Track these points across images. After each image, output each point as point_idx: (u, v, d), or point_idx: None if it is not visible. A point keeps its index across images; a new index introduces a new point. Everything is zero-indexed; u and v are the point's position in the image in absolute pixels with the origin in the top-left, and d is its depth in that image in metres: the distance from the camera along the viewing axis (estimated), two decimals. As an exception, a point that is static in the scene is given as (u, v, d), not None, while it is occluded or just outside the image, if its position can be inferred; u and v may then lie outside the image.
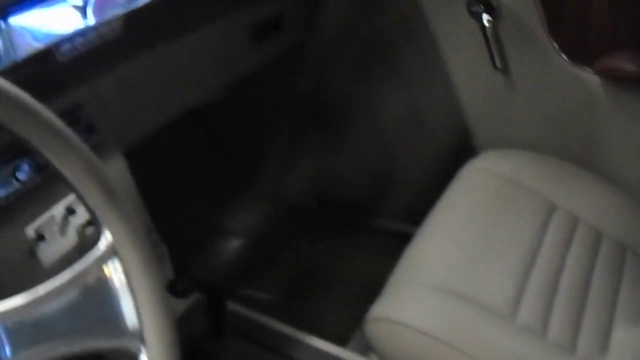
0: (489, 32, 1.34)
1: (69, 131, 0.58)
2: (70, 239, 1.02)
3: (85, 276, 0.62)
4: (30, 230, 0.98)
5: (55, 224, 1.01)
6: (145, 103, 1.17)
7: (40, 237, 0.99)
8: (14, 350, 0.57)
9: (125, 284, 0.63)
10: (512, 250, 1.11)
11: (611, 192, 1.28)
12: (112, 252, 0.63)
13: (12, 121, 0.54)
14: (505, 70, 1.39)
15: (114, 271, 0.63)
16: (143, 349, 0.64)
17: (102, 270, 0.63)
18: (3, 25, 0.85)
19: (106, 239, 0.62)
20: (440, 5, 1.41)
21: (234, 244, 1.70)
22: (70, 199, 1.00)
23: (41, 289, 0.59)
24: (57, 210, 1.00)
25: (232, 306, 1.33)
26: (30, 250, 0.99)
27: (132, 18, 0.99)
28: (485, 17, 1.33)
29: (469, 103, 1.49)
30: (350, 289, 1.52)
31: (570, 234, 1.16)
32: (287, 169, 1.82)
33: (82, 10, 0.95)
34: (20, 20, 0.87)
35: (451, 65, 1.46)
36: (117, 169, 1.11)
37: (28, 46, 0.86)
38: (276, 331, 1.31)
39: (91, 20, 0.95)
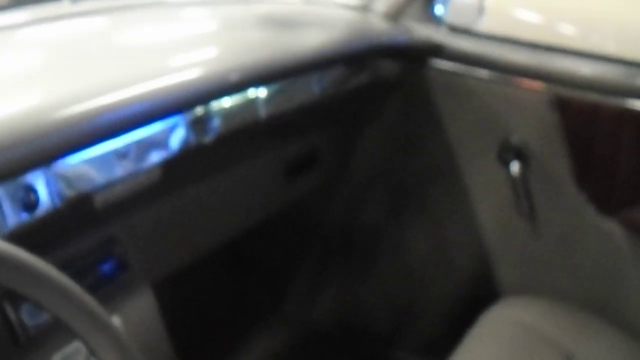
0: (518, 180, 1.37)
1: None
2: None
3: None
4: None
5: (81, 355, 1.02)
6: (178, 239, 1.20)
7: None
8: None
9: None
10: None
11: (632, 347, 1.27)
12: None
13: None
14: (531, 216, 1.41)
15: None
16: None
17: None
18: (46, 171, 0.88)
19: None
20: (471, 151, 1.46)
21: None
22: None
23: None
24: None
25: None
26: None
27: (170, 164, 1.02)
28: (516, 165, 1.37)
29: (493, 246, 1.51)
30: None
31: None
32: (312, 296, 1.84)
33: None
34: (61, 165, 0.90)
35: (478, 208, 1.49)
36: (145, 302, 1.13)
37: (68, 191, 0.88)
38: None
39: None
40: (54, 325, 0.96)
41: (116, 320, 1.01)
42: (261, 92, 1.15)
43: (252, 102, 1.14)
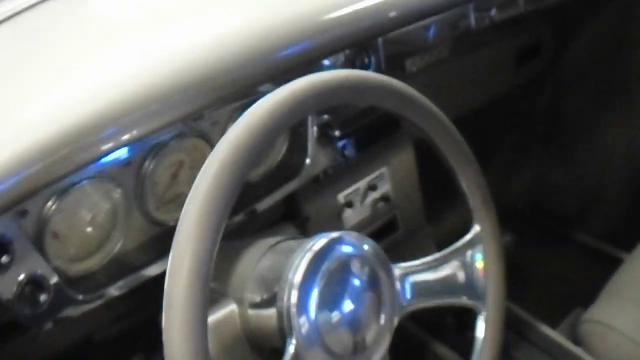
0: None
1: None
2: (366, 209, 1.25)
3: (461, 253, 0.92)
4: (341, 198, 1.20)
5: (359, 196, 1.23)
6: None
7: (348, 204, 1.21)
8: (412, 297, 0.86)
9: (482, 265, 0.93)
10: None
11: None
12: (477, 240, 0.93)
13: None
14: None
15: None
16: (483, 310, 0.93)
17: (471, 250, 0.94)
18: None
19: (475, 230, 0.92)
20: None
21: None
22: (373, 176, 1.26)
23: (437, 256, 0.90)
24: (362, 184, 1.23)
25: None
26: (338, 213, 1.20)
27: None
28: None
29: None
30: (547, 292, 1.71)
31: None
32: (510, 175, 2.04)
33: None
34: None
35: None
36: (407, 155, 1.32)
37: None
38: None
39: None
40: (345, 169, 1.18)
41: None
42: None
43: None
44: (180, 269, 0.61)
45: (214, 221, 0.63)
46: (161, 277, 0.64)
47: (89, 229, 0.83)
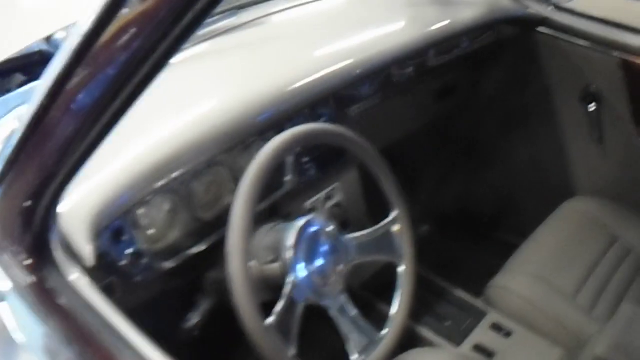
0: (593, 116, 2.03)
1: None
2: (325, 213, 1.65)
3: (387, 226, 1.43)
4: (307, 204, 1.63)
5: (320, 202, 1.67)
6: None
7: (312, 209, 1.63)
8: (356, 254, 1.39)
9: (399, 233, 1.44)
10: (578, 266, 1.80)
11: None
12: (395, 219, 1.44)
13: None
14: (601, 141, 2.07)
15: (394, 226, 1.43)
16: (401, 264, 1.45)
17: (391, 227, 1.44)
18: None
19: (393, 213, 1.44)
20: (562, 94, 2.13)
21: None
22: (329, 189, 1.68)
23: (371, 230, 1.45)
24: (322, 195, 1.67)
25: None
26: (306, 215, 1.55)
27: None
28: (592, 106, 2.02)
29: (573, 159, 2.19)
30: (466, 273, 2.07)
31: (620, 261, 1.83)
32: (440, 188, 2.52)
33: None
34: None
35: (564, 134, 2.16)
36: (352, 176, 1.78)
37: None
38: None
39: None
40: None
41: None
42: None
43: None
44: (234, 232, 1.14)
45: (250, 208, 1.20)
46: (200, 254, 1.24)
47: (159, 222, 1.30)
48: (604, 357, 1.50)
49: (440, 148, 2.45)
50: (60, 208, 1.01)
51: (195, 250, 1.35)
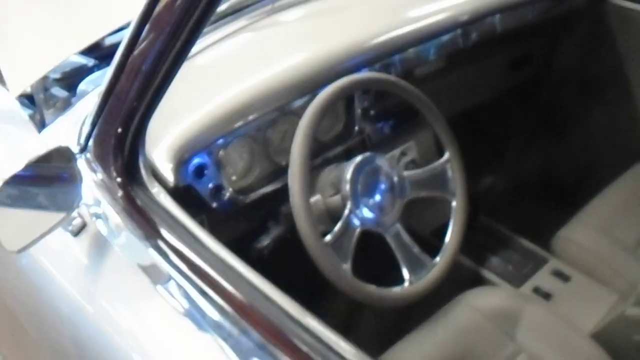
0: None
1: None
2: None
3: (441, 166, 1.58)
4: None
5: (394, 159, 1.80)
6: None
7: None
8: (411, 191, 1.54)
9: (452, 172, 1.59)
10: None
11: None
12: (448, 159, 1.59)
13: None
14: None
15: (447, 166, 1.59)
16: (453, 200, 1.59)
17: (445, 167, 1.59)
18: None
19: (446, 154, 1.60)
20: (634, 62, 2.20)
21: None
22: (404, 146, 1.83)
23: (425, 168, 1.60)
24: (397, 152, 1.81)
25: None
26: None
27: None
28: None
29: None
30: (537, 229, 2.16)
31: None
32: (521, 156, 2.63)
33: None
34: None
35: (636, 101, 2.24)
36: (426, 134, 1.90)
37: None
38: None
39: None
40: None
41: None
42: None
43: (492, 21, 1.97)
44: (294, 171, 1.33)
45: (308, 142, 1.38)
46: (276, 191, 1.51)
47: (239, 164, 1.52)
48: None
49: (519, 117, 2.55)
50: (149, 139, 1.25)
51: (272, 188, 1.56)
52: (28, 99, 1.72)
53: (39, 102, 1.69)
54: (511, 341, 1.55)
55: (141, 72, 1.09)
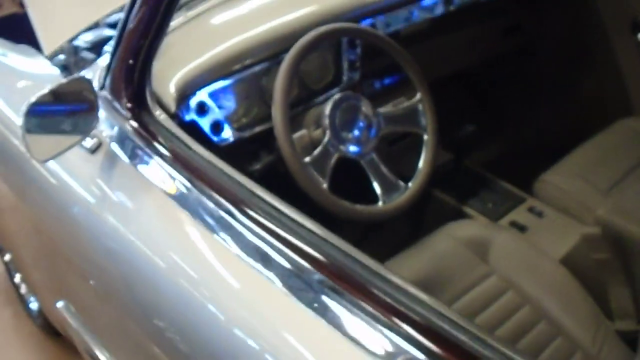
0: None
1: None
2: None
3: (413, 104, 1.76)
4: None
5: None
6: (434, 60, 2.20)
7: None
8: (385, 125, 1.70)
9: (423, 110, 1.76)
10: (617, 169, 2.08)
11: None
12: (419, 99, 1.76)
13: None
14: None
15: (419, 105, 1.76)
16: (425, 134, 1.74)
17: (417, 105, 1.77)
18: None
19: (418, 94, 1.76)
20: (616, 25, 2.38)
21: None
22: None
23: (398, 105, 1.78)
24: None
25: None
26: None
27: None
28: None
29: (622, 78, 2.46)
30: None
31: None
32: (513, 115, 2.80)
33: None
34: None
35: (618, 56, 2.43)
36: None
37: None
38: None
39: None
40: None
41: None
42: None
43: None
44: (277, 102, 1.54)
45: (287, 83, 1.56)
46: (267, 130, 1.67)
47: (236, 106, 1.74)
48: (604, 217, 1.77)
49: (511, 80, 2.71)
50: (157, 79, 1.51)
51: (266, 126, 1.74)
52: (64, 70, 1.98)
53: (70, 65, 1.94)
54: (485, 264, 1.73)
55: (145, 16, 1.36)
